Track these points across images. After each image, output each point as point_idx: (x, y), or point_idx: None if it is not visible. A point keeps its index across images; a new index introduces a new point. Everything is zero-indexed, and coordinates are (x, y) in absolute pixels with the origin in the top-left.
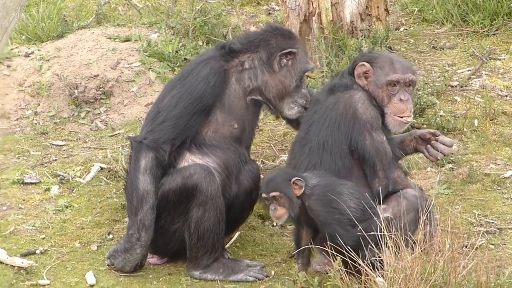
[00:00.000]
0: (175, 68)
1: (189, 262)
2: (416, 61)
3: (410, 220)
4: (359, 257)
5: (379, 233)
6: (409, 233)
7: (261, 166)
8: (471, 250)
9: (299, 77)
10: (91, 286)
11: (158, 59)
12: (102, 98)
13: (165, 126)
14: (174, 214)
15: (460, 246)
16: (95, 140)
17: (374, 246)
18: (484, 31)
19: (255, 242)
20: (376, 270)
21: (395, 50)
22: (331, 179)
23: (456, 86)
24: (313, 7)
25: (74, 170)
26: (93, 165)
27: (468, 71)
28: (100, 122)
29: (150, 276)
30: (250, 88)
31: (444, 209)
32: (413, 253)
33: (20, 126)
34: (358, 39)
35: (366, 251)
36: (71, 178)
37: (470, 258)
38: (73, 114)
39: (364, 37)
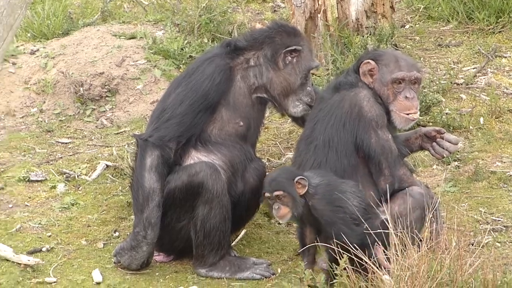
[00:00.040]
0: (181, 65)
1: (195, 260)
2: (421, 58)
3: (416, 218)
4: (365, 255)
5: (384, 231)
6: (415, 231)
7: (266, 163)
8: (478, 248)
9: (304, 74)
10: (98, 283)
11: (164, 57)
12: (107, 96)
13: (170, 124)
14: (180, 211)
15: (466, 244)
16: (101, 137)
17: (380, 244)
18: (489, 29)
19: (261, 240)
20: (382, 268)
21: (401, 48)
22: (333, 178)
23: (461, 84)
24: (318, 4)
25: (80, 168)
26: (98, 162)
27: (473, 69)
28: (105, 119)
29: (157, 273)
30: (255, 85)
31: (450, 207)
32: (419, 251)
33: (25, 123)
34: (363, 37)
35: (372, 249)
36: (77, 176)
37: (476, 256)
38: (78, 112)
39: (369, 34)
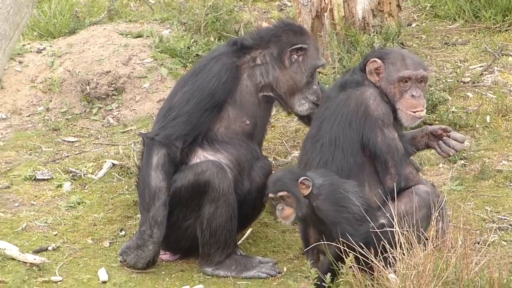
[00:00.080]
0: (187, 64)
1: (201, 258)
2: (428, 57)
3: (422, 216)
4: (371, 254)
5: (389, 229)
6: (421, 229)
7: (273, 162)
8: (484, 247)
9: (310, 73)
10: (104, 282)
11: (170, 55)
12: (114, 94)
13: (177, 123)
14: (187, 210)
15: (472, 242)
16: (107, 136)
17: (386, 242)
18: (496, 27)
19: (268, 238)
20: (388, 266)
21: (407, 46)
22: (335, 178)
23: (468, 82)
24: (325, 3)
25: (86, 167)
26: (105, 161)
27: (480, 67)
28: (112, 118)
29: (163, 272)
30: (262, 84)
31: (456, 205)
32: (425, 249)
33: (32, 122)
34: (370, 35)
35: (379, 248)
36: (83, 175)
37: (482, 255)
38: (85, 110)
39: (376, 33)
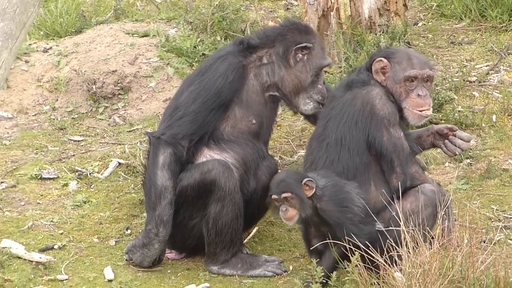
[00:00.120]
0: (193, 63)
1: (207, 257)
2: (434, 56)
3: (428, 215)
4: (377, 252)
5: (396, 228)
6: (427, 228)
7: (279, 161)
8: (489, 245)
9: (315, 72)
10: (109, 281)
11: (176, 55)
12: (120, 94)
13: (183, 122)
14: (193, 209)
15: (478, 241)
16: (113, 135)
17: (392, 241)
18: (502, 26)
19: (273, 237)
20: (394, 265)
21: (414, 46)
22: (337, 179)
23: (474, 82)
24: (331, 2)
25: (92, 166)
26: (111, 160)
27: (486, 67)
28: (118, 117)
29: (168, 271)
30: (268, 83)
31: (462, 204)
32: (431, 248)
33: (38, 121)
34: (376, 34)
35: (384, 247)
36: (89, 174)
37: (488, 253)
38: (91, 110)
39: (382, 32)
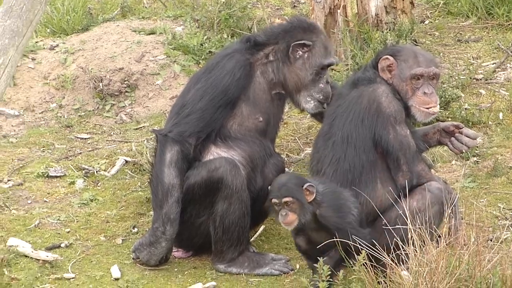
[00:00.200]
0: (200, 61)
1: (214, 255)
2: (441, 54)
3: (434, 213)
4: (380, 253)
5: (404, 226)
6: (433, 226)
7: (285, 159)
8: (496, 244)
9: (315, 70)
10: (116, 279)
11: (183, 52)
12: (126, 91)
13: (190, 119)
14: (200, 207)
15: (485, 239)
16: (120, 133)
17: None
18: (509, 24)
19: (280, 235)
20: (401, 264)
21: (420, 43)
22: (334, 185)
23: (481, 79)
24: (338, 0)
25: (98, 164)
26: (118, 158)
27: (493, 64)
28: (124, 115)
29: (175, 269)
30: (274, 81)
31: (469, 202)
32: (438, 246)
33: (44, 119)
34: (383, 32)
35: (391, 245)
36: (96, 172)
37: (495, 252)
38: (97, 107)
39: (389, 30)
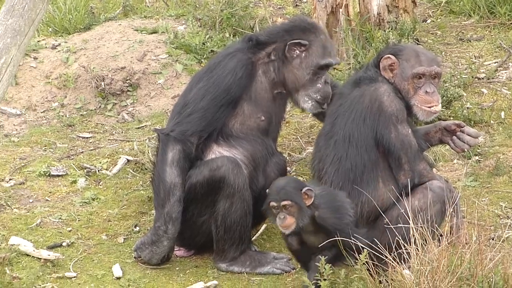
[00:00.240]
0: (202, 60)
1: (216, 254)
2: (443, 53)
3: (436, 212)
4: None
5: (405, 225)
6: (435, 225)
7: (287, 158)
8: (498, 243)
9: (312, 70)
10: (118, 278)
11: (185, 51)
12: (128, 90)
13: (192, 119)
14: (201, 206)
15: (487, 238)
16: (122, 132)
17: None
18: (511, 23)
19: None
20: (402, 262)
21: (422, 42)
22: (329, 188)
23: (483, 78)
24: None
25: (100, 163)
26: (119, 157)
27: (495, 63)
28: (126, 114)
29: (177, 268)
30: (275, 80)
31: (470, 201)
32: (439, 245)
33: (46, 118)
34: (385, 31)
35: (393, 244)
36: (98, 171)
37: (497, 251)
38: (99, 106)
39: (391, 29)
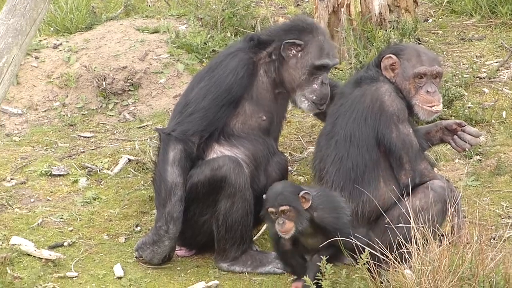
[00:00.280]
0: (204, 59)
1: (217, 254)
2: (444, 52)
3: (437, 212)
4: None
5: (407, 225)
6: (436, 225)
7: (289, 157)
8: (499, 242)
9: (307, 70)
10: (119, 278)
11: (187, 51)
12: (130, 90)
13: (193, 118)
14: (203, 206)
15: (488, 238)
16: (123, 131)
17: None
18: None
19: None
20: (403, 262)
21: (424, 42)
22: (325, 189)
23: (484, 78)
24: None
25: (102, 162)
26: (121, 157)
27: (496, 63)
28: (128, 113)
29: (178, 268)
30: (276, 80)
31: (472, 201)
32: (441, 245)
33: (48, 117)
34: (386, 31)
35: (394, 244)
36: (99, 170)
37: (498, 250)
38: (101, 106)
39: (392, 28)
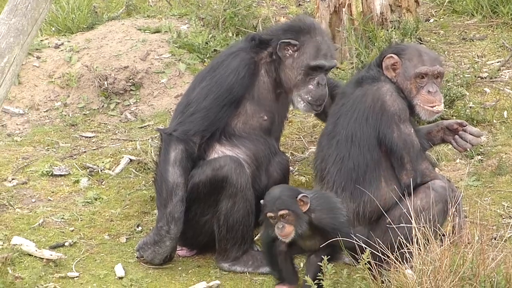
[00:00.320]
0: (205, 59)
1: (218, 254)
2: (445, 52)
3: (438, 211)
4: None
5: (408, 225)
6: (437, 225)
7: (290, 157)
8: (500, 242)
9: (303, 71)
10: (120, 278)
11: (188, 51)
12: (131, 90)
13: (195, 118)
14: (204, 206)
15: (489, 238)
16: (125, 131)
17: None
18: None
19: None
20: (405, 262)
21: (425, 42)
22: (320, 191)
23: (485, 78)
24: None
25: (103, 162)
26: (122, 157)
27: (497, 63)
28: (129, 113)
29: (179, 268)
30: (277, 80)
31: (473, 201)
32: (442, 245)
33: (49, 117)
34: (388, 31)
35: (395, 244)
36: (100, 170)
37: (499, 250)
38: (102, 106)
39: (394, 28)
